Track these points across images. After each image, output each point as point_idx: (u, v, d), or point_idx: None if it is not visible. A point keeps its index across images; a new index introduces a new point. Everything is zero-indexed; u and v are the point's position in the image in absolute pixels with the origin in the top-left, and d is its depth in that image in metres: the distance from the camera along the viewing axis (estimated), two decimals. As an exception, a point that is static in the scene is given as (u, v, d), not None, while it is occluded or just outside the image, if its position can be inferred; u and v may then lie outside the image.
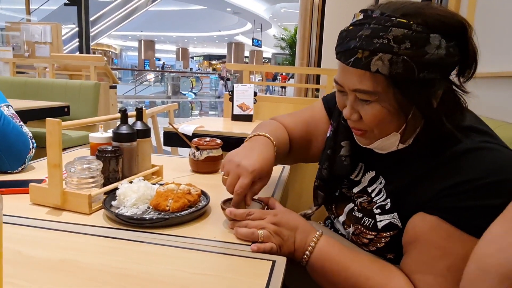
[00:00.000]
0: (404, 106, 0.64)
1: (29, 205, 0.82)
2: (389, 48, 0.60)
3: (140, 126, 0.97)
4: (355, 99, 0.69)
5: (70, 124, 0.80)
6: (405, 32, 0.60)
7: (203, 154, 1.12)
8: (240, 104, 2.45)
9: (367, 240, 0.76)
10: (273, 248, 0.68)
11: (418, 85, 0.62)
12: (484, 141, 0.64)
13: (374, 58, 0.61)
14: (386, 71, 0.61)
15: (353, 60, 0.64)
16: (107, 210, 0.76)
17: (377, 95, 0.64)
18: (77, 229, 0.72)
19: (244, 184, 0.73)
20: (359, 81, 0.65)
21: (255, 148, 0.81)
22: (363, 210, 0.78)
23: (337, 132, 0.87)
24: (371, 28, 0.62)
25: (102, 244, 0.67)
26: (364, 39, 0.62)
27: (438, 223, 0.62)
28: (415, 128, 0.70)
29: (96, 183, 0.82)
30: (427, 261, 0.63)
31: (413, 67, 0.60)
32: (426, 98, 0.64)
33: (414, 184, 0.69)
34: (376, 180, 0.79)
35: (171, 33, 27.83)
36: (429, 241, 0.63)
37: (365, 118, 0.68)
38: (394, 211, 0.72)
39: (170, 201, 0.78)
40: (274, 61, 32.56)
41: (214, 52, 37.17)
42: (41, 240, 0.67)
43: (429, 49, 0.60)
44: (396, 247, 0.72)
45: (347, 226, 0.82)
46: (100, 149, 0.88)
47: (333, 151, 0.86)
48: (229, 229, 0.75)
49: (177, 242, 0.69)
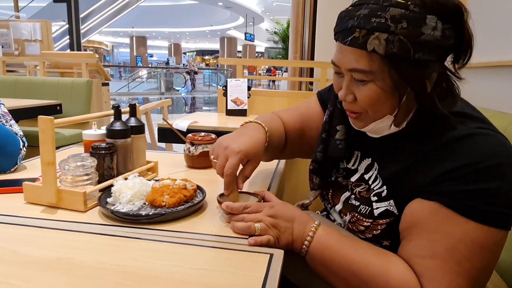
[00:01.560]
0: (399, 87, 0.66)
1: (23, 204, 0.82)
2: (386, 27, 0.61)
3: (134, 122, 0.96)
4: (351, 80, 0.70)
5: (63, 121, 0.80)
6: (402, 12, 0.61)
7: (198, 149, 1.11)
8: (234, 99, 2.45)
9: (363, 227, 0.77)
10: (270, 241, 0.68)
11: (413, 66, 0.63)
12: (479, 127, 0.65)
13: (371, 37, 0.62)
14: (382, 51, 0.62)
15: (350, 39, 0.65)
16: (103, 207, 0.75)
17: (373, 75, 0.65)
18: (72, 227, 0.72)
19: (232, 164, 0.74)
20: (356, 60, 0.66)
21: (244, 133, 0.83)
22: (360, 198, 0.78)
23: (333, 116, 0.88)
24: (369, 8, 0.63)
25: (99, 242, 0.66)
26: (362, 18, 0.63)
27: (437, 208, 0.63)
28: (408, 111, 0.71)
29: (91, 181, 0.81)
30: (426, 244, 0.64)
31: (408, 47, 0.61)
32: (421, 79, 0.65)
33: (410, 170, 0.70)
34: (371, 167, 0.80)
35: (163, 28, 27.63)
36: (428, 225, 0.64)
37: (360, 98, 0.69)
38: (390, 198, 0.73)
39: (166, 196, 0.78)
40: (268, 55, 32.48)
41: (206, 47, 36.97)
42: (36, 239, 0.67)
43: (425, 30, 0.61)
44: (392, 234, 0.73)
45: (344, 215, 0.82)
46: (94, 146, 0.87)
47: (328, 135, 0.87)
48: (226, 223, 0.75)
49: (174, 237, 0.68)
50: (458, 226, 0.61)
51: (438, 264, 0.62)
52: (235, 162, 0.75)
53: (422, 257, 0.64)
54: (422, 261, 0.64)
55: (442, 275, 0.61)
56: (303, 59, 4.22)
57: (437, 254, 0.62)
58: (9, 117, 1.08)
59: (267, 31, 19.36)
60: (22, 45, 6.63)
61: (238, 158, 0.75)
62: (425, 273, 0.63)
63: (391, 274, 0.65)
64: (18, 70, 5.21)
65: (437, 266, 0.62)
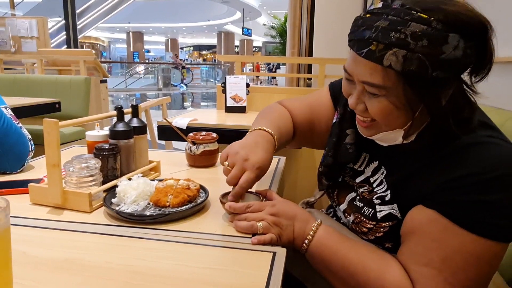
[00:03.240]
0: (412, 103, 0.63)
1: (30, 205, 0.83)
2: (405, 44, 0.58)
3: (136, 123, 0.98)
4: (363, 91, 0.68)
5: (67, 123, 0.81)
6: (424, 29, 0.57)
7: (199, 149, 1.13)
8: (233, 96, 2.45)
9: (366, 229, 0.77)
10: (272, 239, 0.70)
11: (429, 84, 0.60)
12: (488, 135, 0.64)
13: (388, 53, 0.59)
14: (399, 67, 0.59)
15: (366, 51, 0.61)
16: (108, 207, 0.77)
17: (386, 90, 0.63)
18: (79, 227, 0.73)
19: (250, 179, 0.75)
20: (370, 73, 0.63)
21: (259, 143, 0.81)
22: (363, 199, 0.79)
23: (343, 119, 0.87)
24: (389, 20, 0.60)
25: (105, 242, 0.68)
26: (381, 31, 0.60)
27: (436, 217, 0.63)
28: (420, 124, 0.69)
29: (95, 181, 0.83)
30: (423, 252, 0.64)
31: (426, 66, 0.58)
32: (436, 96, 0.62)
33: (415, 177, 0.69)
34: (378, 170, 0.80)
35: (160, 24, 27.48)
36: (426, 233, 0.64)
37: (371, 111, 0.67)
38: (394, 202, 0.73)
39: (170, 196, 0.79)
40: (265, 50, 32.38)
41: (204, 42, 36.81)
42: (44, 240, 0.68)
43: (446, 49, 0.58)
44: (394, 237, 0.73)
45: (348, 215, 0.83)
46: (97, 147, 0.88)
47: (338, 138, 0.87)
48: (229, 223, 0.76)
49: (178, 237, 0.70)
50: (456, 237, 0.61)
51: (433, 273, 0.62)
52: (253, 177, 0.75)
53: (418, 264, 0.64)
54: (418, 268, 0.64)
55: (435, 284, 0.62)
56: (300, 54, 4.23)
57: (433, 263, 0.62)
58: (16, 121, 1.09)
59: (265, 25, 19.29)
60: (18, 42, 6.58)
61: (256, 175, 0.75)
62: (419, 280, 0.63)
63: (387, 279, 0.66)
64: (16, 67, 5.19)
65: (432, 275, 0.62)
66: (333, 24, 3.21)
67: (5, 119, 1.01)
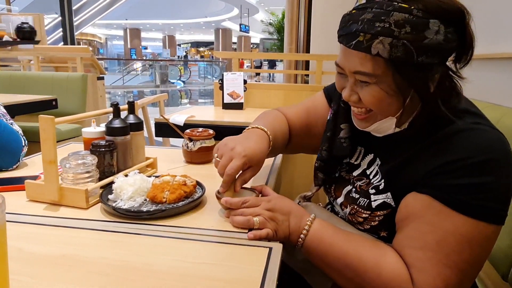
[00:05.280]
0: (402, 89, 0.67)
1: (26, 202, 0.83)
2: (390, 32, 0.62)
3: (132, 119, 0.98)
4: (355, 82, 0.71)
5: (63, 120, 0.81)
6: (406, 17, 0.62)
7: (196, 145, 1.13)
8: (230, 93, 2.45)
9: (362, 219, 0.79)
10: (269, 234, 0.70)
11: (416, 69, 0.64)
12: (476, 122, 0.67)
13: (375, 41, 0.63)
14: (386, 54, 0.63)
15: (355, 43, 0.66)
16: (105, 204, 0.77)
17: (376, 78, 0.67)
18: (75, 224, 0.73)
19: (235, 165, 0.76)
20: (360, 63, 0.67)
21: (251, 137, 0.84)
22: (360, 191, 0.81)
23: (337, 115, 0.89)
24: (373, 12, 0.64)
25: (101, 238, 0.68)
26: (366, 22, 0.64)
27: (429, 201, 0.65)
28: (411, 112, 0.72)
29: (92, 178, 0.83)
30: (418, 236, 0.66)
31: (412, 51, 0.62)
32: (424, 81, 0.66)
33: (407, 164, 0.72)
34: (374, 162, 0.81)
35: (157, 20, 27.38)
36: (420, 218, 0.66)
37: (364, 99, 0.71)
38: (388, 191, 0.75)
39: (166, 192, 0.79)
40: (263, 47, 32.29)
41: (201, 39, 36.70)
42: (41, 236, 0.68)
43: (428, 34, 0.62)
44: (389, 226, 0.75)
45: (344, 207, 0.84)
46: (94, 143, 0.88)
47: (332, 133, 0.89)
48: (225, 218, 0.76)
49: (175, 233, 0.70)
50: (449, 220, 0.63)
51: (428, 256, 0.64)
52: (239, 164, 0.76)
53: (413, 248, 0.66)
54: (413, 252, 0.66)
55: (431, 266, 0.63)
56: (298, 50, 4.22)
57: (427, 246, 0.64)
58: (8, 117, 1.09)
59: (262, 22, 19.24)
60: (15, 39, 6.54)
61: (242, 162, 0.76)
62: (415, 264, 0.65)
63: (383, 266, 0.67)
64: (12, 64, 5.16)
65: (427, 258, 0.64)
66: (330, 20, 3.20)
67: None
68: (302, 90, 2.59)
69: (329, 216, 0.87)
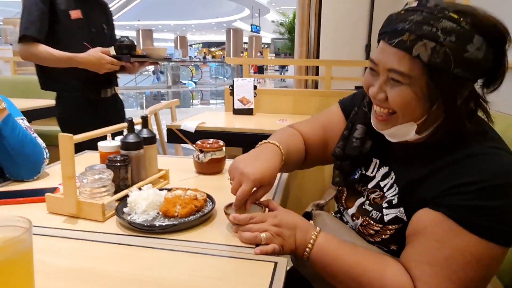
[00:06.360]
0: (431, 96, 0.69)
1: (46, 214, 0.88)
2: (435, 36, 0.64)
3: (146, 133, 1.02)
4: (386, 80, 0.72)
5: (81, 137, 0.85)
6: (453, 27, 0.64)
7: (206, 157, 1.17)
8: (240, 98, 2.49)
9: (373, 231, 0.81)
10: (275, 249, 0.73)
11: (450, 79, 0.66)
12: (493, 146, 0.69)
13: (418, 43, 0.65)
14: (426, 58, 0.65)
15: (398, 41, 0.68)
16: (120, 217, 0.81)
17: (410, 79, 0.68)
18: (93, 237, 0.78)
19: (245, 191, 0.79)
20: (398, 61, 0.68)
21: (261, 156, 0.86)
22: (374, 204, 0.83)
23: (356, 115, 0.91)
24: (423, 15, 0.66)
25: (117, 251, 0.73)
26: (414, 23, 0.66)
27: (441, 218, 0.67)
28: (433, 122, 0.74)
29: (108, 192, 0.88)
30: (426, 251, 0.68)
31: (451, 61, 0.64)
32: (453, 94, 0.68)
33: (422, 181, 0.73)
34: (388, 175, 0.83)
35: (169, 21, 27.59)
36: (431, 234, 0.68)
37: (391, 99, 0.72)
38: (401, 206, 0.77)
39: (178, 207, 0.83)
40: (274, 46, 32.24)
41: (213, 39, 36.85)
42: (61, 249, 0.73)
43: (470, 48, 0.64)
44: (400, 239, 0.77)
45: (356, 218, 0.87)
46: (110, 158, 0.93)
47: (349, 132, 0.91)
48: (233, 233, 0.80)
49: (186, 247, 0.74)
50: (459, 238, 0.65)
51: (435, 271, 0.66)
52: (247, 189, 0.79)
53: (421, 262, 0.68)
54: (420, 265, 0.68)
55: (437, 281, 0.66)
56: (309, 52, 4.24)
57: (435, 261, 0.66)
58: (32, 131, 1.15)
59: (273, 22, 19.24)
60: (31, 42, 6.67)
61: (251, 186, 0.80)
62: (421, 277, 0.67)
63: (387, 278, 0.69)
64: (28, 68, 5.29)
65: (434, 272, 0.66)
66: (339, 26, 3.22)
67: (20, 131, 1.06)
68: (311, 96, 2.61)
69: (340, 227, 0.89)
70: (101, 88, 1.96)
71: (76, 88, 1.88)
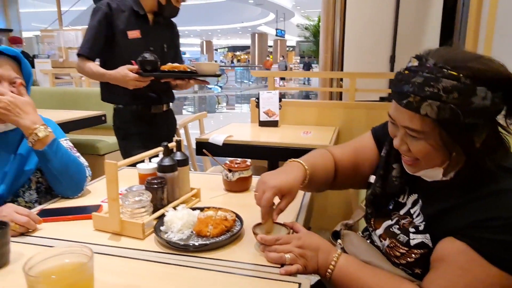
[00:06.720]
0: (448, 145, 0.74)
1: (93, 231, 0.98)
2: (438, 96, 0.69)
3: (179, 156, 1.11)
4: (405, 133, 0.79)
5: (124, 163, 0.94)
6: (453, 84, 0.68)
7: (235, 176, 1.25)
8: (266, 111, 2.57)
9: (399, 253, 0.86)
10: (299, 270, 0.80)
11: (463, 128, 0.70)
12: None
13: (424, 103, 0.70)
14: (434, 115, 0.70)
15: (406, 102, 0.73)
16: (158, 236, 0.90)
17: (424, 134, 0.74)
18: (134, 254, 0.87)
19: (267, 197, 0.87)
20: (409, 120, 0.74)
21: (284, 170, 0.95)
22: (402, 228, 0.87)
23: (389, 155, 0.96)
24: (423, 77, 0.71)
25: (156, 269, 0.81)
26: (417, 85, 0.71)
27: (465, 248, 0.71)
28: (457, 163, 0.78)
29: (147, 212, 0.97)
30: (448, 277, 0.72)
31: (459, 113, 0.68)
32: (469, 139, 0.72)
33: (450, 212, 0.77)
34: (417, 202, 0.88)
35: (195, 26, 28.07)
36: (454, 262, 0.72)
37: (413, 150, 0.79)
38: (427, 232, 0.81)
39: (210, 227, 0.91)
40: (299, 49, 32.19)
41: (238, 43, 37.21)
42: (109, 265, 0.82)
43: (475, 100, 0.68)
44: (424, 264, 0.81)
45: (383, 239, 0.92)
46: (148, 181, 1.02)
47: (385, 172, 0.96)
48: (260, 252, 0.87)
49: (216, 265, 0.82)
50: (481, 268, 0.69)
51: None
52: (269, 196, 0.87)
53: (442, 287, 0.73)
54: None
55: None
56: (333, 58, 4.27)
57: (456, 287, 0.71)
58: (74, 150, 1.26)
59: (298, 27, 19.26)
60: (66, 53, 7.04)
61: (272, 193, 0.87)
62: None
63: None
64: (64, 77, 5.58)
65: None
66: (364, 36, 3.25)
67: (64, 153, 1.16)
68: (336, 107, 2.65)
69: (366, 248, 0.94)
70: (151, 104, 2.04)
71: (129, 102, 1.99)
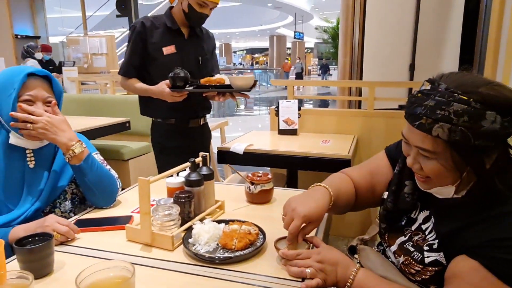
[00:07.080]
0: (459, 165, 0.78)
1: (125, 241, 1.06)
2: (449, 119, 0.73)
3: (205, 171, 1.17)
4: (418, 153, 0.83)
5: (155, 179, 1.01)
6: (464, 108, 0.72)
7: (257, 188, 1.31)
8: (285, 119, 2.62)
9: (414, 271, 0.89)
10: (319, 284, 0.85)
11: (473, 150, 0.74)
12: None
13: (435, 126, 0.74)
14: (445, 137, 0.74)
15: (418, 123, 0.77)
16: (186, 248, 0.96)
17: (436, 155, 0.78)
18: (164, 265, 0.93)
19: (296, 226, 0.91)
20: (422, 141, 0.79)
21: (311, 196, 0.98)
22: (416, 246, 0.91)
23: (402, 172, 1.00)
24: (435, 100, 0.75)
25: (185, 280, 0.87)
26: (429, 108, 0.75)
27: (477, 267, 0.74)
28: (469, 182, 0.82)
29: (175, 224, 1.03)
30: None
31: (469, 136, 0.72)
32: (480, 160, 0.76)
33: (462, 231, 0.81)
34: (429, 219, 0.92)
35: (214, 30, 28.28)
36: (465, 279, 0.76)
37: (425, 169, 0.83)
38: (441, 251, 0.85)
39: (235, 240, 0.97)
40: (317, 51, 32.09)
41: (256, 46, 37.36)
42: (141, 276, 0.88)
43: (484, 123, 0.71)
44: (439, 281, 0.85)
45: (398, 256, 0.95)
46: (176, 195, 1.09)
47: (397, 188, 1.00)
48: (282, 266, 0.92)
49: (241, 277, 0.88)
50: (492, 286, 0.72)
51: None
52: (298, 224, 0.91)
53: None
54: None
55: None
56: (352, 63, 4.29)
57: None
58: (105, 163, 1.34)
59: (317, 29, 19.23)
60: (90, 58, 7.29)
61: (301, 222, 0.91)
62: None
63: None
64: (88, 82, 5.78)
65: None
66: (382, 43, 3.25)
67: (98, 167, 1.23)
68: (354, 116, 2.68)
69: (382, 263, 0.98)
70: (189, 118, 2.12)
71: (167, 116, 2.08)
